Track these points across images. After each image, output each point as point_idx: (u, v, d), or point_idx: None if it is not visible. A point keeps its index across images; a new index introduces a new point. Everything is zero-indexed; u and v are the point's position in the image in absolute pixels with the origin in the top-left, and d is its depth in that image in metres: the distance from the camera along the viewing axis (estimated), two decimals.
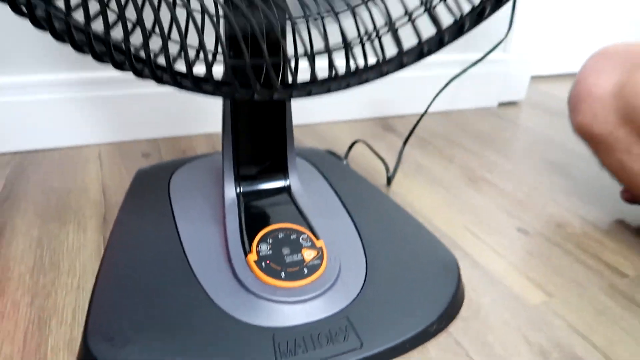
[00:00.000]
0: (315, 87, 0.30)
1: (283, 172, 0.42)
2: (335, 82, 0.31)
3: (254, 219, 0.39)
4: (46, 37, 0.60)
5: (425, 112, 0.60)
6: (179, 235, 0.39)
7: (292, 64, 0.32)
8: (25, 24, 0.58)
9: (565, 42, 1.10)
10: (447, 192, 0.60)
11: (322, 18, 0.31)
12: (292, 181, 0.42)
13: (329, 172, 0.50)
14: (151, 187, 0.46)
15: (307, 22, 0.30)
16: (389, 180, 0.60)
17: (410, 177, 0.63)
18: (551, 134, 0.80)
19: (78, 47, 0.26)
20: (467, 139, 0.76)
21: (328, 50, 0.29)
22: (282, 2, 0.29)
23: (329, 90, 0.31)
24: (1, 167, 0.60)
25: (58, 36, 0.26)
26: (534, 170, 0.67)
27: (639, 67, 0.52)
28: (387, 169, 0.60)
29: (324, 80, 0.31)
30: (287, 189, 0.42)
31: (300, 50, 0.29)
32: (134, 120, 0.68)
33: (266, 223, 0.39)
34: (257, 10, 0.27)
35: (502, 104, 0.92)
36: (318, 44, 0.28)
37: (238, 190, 0.41)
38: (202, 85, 0.29)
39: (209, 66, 0.28)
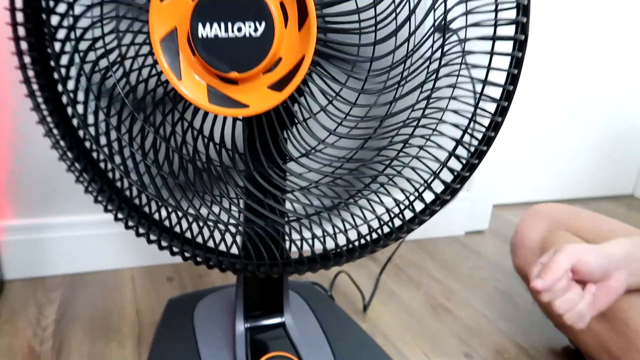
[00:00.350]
0: (304, 267, 0.46)
1: (280, 312, 0.57)
2: (320, 263, 0.47)
3: (256, 348, 0.53)
4: None
5: (401, 243, 0.76)
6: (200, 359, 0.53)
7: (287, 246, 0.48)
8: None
9: (525, 174, 1.29)
10: (412, 319, 0.74)
11: (310, 220, 0.48)
12: (287, 318, 0.57)
13: (316, 305, 0.65)
14: (179, 317, 0.61)
15: (300, 227, 0.47)
16: (365, 308, 0.74)
17: (384, 304, 0.77)
18: (505, 263, 0.96)
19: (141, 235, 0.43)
20: (434, 267, 0.92)
21: (312, 250, 0.45)
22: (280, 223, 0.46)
23: (315, 270, 0.47)
24: (55, 288, 0.75)
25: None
26: (485, 298, 0.82)
27: (557, 229, 0.69)
28: (364, 298, 0.75)
29: (312, 261, 0.47)
30: (282, 324, 0.57)
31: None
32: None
33: (265, 351, 0.53)
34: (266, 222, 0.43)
35: (468, 233, 1.08)
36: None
37: (246, 326, 0.55)
38: (224, 264, 0.46)
39: (230, 261, 0.44)
